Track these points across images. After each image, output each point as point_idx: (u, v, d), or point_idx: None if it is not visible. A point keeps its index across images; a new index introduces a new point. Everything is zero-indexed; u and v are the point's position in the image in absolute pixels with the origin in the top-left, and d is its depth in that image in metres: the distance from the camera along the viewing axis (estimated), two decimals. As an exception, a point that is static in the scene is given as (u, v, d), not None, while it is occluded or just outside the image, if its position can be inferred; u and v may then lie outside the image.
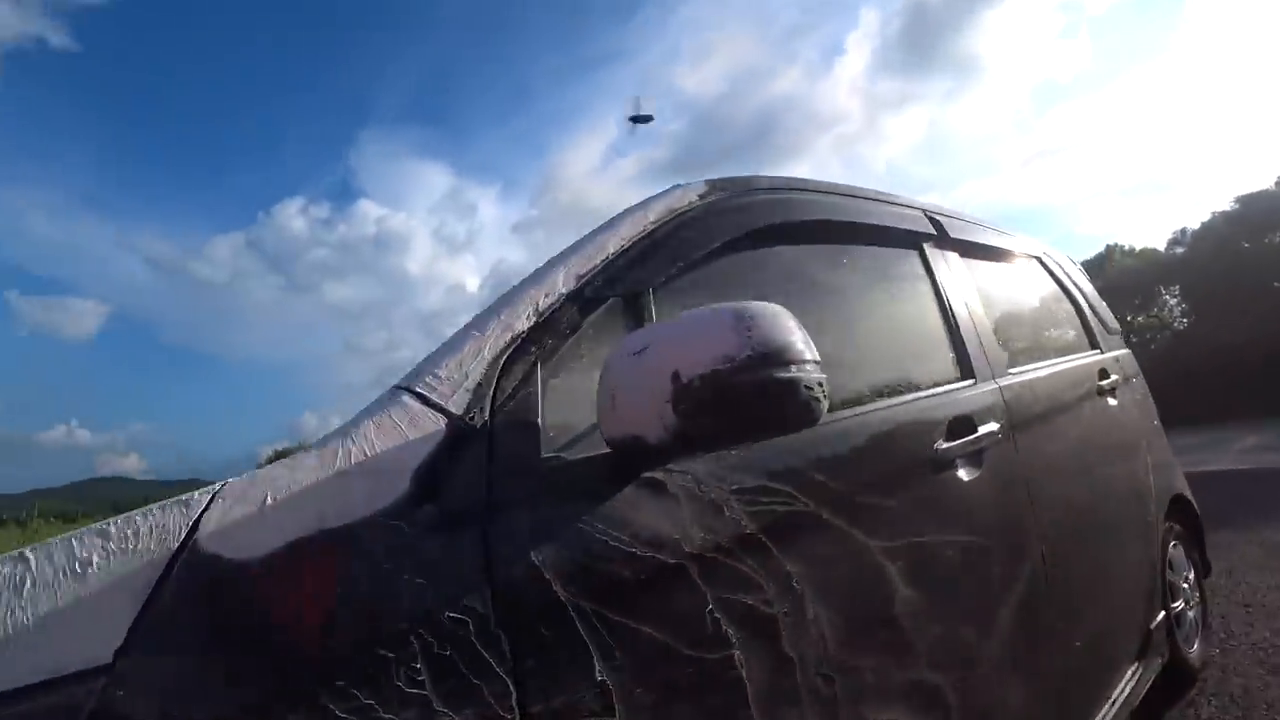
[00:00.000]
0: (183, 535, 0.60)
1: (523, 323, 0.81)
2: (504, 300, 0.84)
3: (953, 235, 1.56)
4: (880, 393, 1.17)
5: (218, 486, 0.64)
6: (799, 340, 0.73)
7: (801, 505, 0.90)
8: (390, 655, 0.61)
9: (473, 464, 0.71)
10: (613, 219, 0.99)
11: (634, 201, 1.06)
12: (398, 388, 0.75)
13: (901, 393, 1.20)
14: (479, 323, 0.81)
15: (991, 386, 1.35)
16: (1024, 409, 1.39)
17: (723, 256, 1.07)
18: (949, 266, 1.50)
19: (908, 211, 1.50)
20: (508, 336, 0.80)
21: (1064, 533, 1.37)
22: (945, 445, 1.16)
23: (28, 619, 0.53)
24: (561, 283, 0.87)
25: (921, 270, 1.45)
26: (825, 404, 0.75)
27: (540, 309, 0.83)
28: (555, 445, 0.79)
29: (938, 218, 1.56)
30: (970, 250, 1.63)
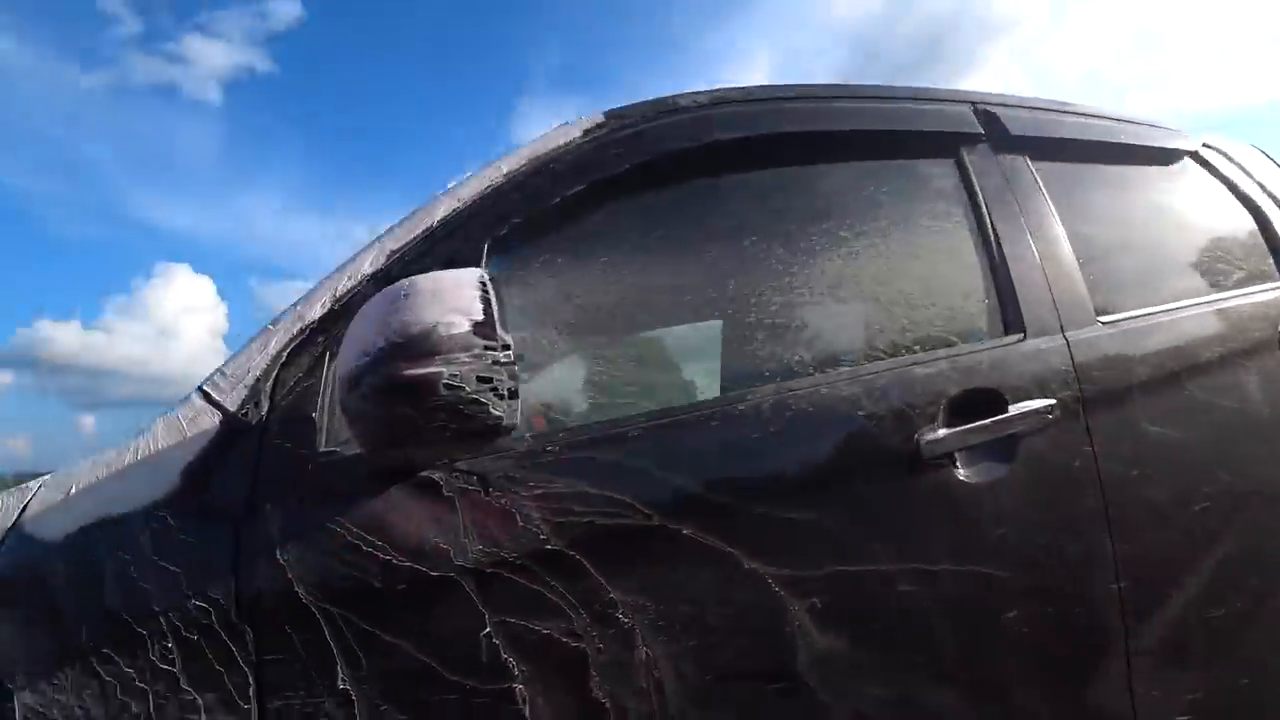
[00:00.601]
0: (15, 516, 0.76)
1: (315, 311, 0.80)
2: (310, 290, 0.84)
3: (1018, 133, 1.09)
4: (831, 361, 0.88)
5: (46, 477, 0.79)
6: (458, 320, 0.58)
7: (642, 518, 0.74)
8: (143, 633, 0.70)
9: (240, 460, 0.75)
10: (461, 179, 0.90)
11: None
12: (198, 387, 0.81)
13: (874, 358, 0.89)
14: (279, 316, 0.82)
15: (1053, 343, 0.92)
16: (1112, 374, 0.91)
17: (606, 202, 0.90)
18: (1005, 176, 1.05)
19: (941, 109, 1.08)
20: (297, 328, 0.80)
21: (1169, 558, 0.89)
22: (939, 434, 0.83)
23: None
24: (369, 263, 0.83)
25: (955, 185, 1.04)
26: (504, 408, 0.59)
27: (338, 295, 0.81)
28: (342, 439, 0.78)
29: (995, 111, 1.10)
30: (1052, 150, 1.11)
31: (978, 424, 0.85)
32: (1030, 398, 0.88)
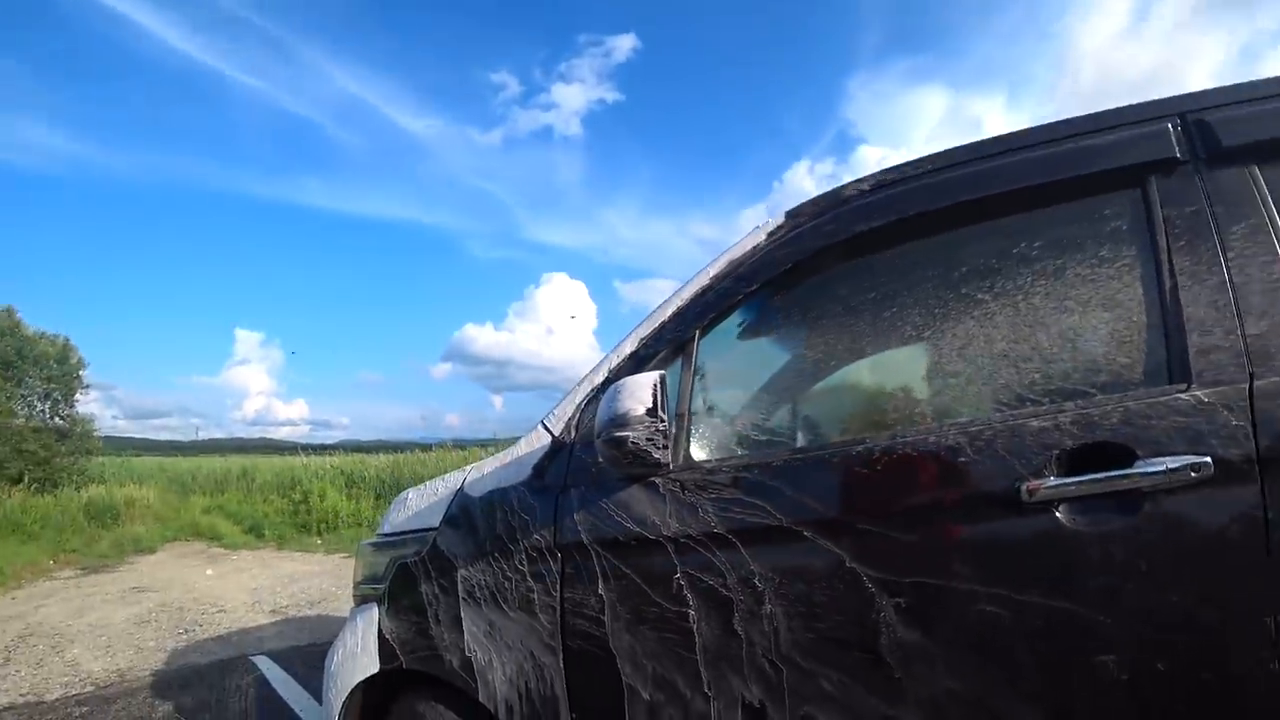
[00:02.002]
0: (461, 482, 1.52)
1: (600, 376, 1.39)
2: (599, 362, 1.43)
3: (1236, 141, 1.02)
4: (955, 414, 1.07)
5: (475, 463, 1.54)
6: (639, 407, 1.08)
7: (775, 520, 1.10)
8: (514, 546, 1.36)
9: (559, 463, 1.37)
10: (687, 282, 1.39)
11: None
12: (540, 421, 1.47)
13: (997, 412, 1.04)
14: (582, 379, 1.43)
15: (1226, 395, 0.91)
16: None
17: (773, 297, 1.28)
18: (1209, 198, 1.01)
19: (1127, 136, 1.09)
20: (588, 388, 1.39)
21: None
22: (1043, 483, 0.95)
23: (422, 506, 1.56)
24: (629, 346, 1.38)
25: (1131, 222, 1.06)
26: (661, 454, 1.07)
27: (612, 368, 1.38)
28: (609, 454, 1.34)
29: (1208, 119, 1.04)
30: None
31: (1085, 478, 0.94)
32: (1173, 453, 0.90)
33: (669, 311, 1.37)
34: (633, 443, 1.12)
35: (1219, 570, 0.88)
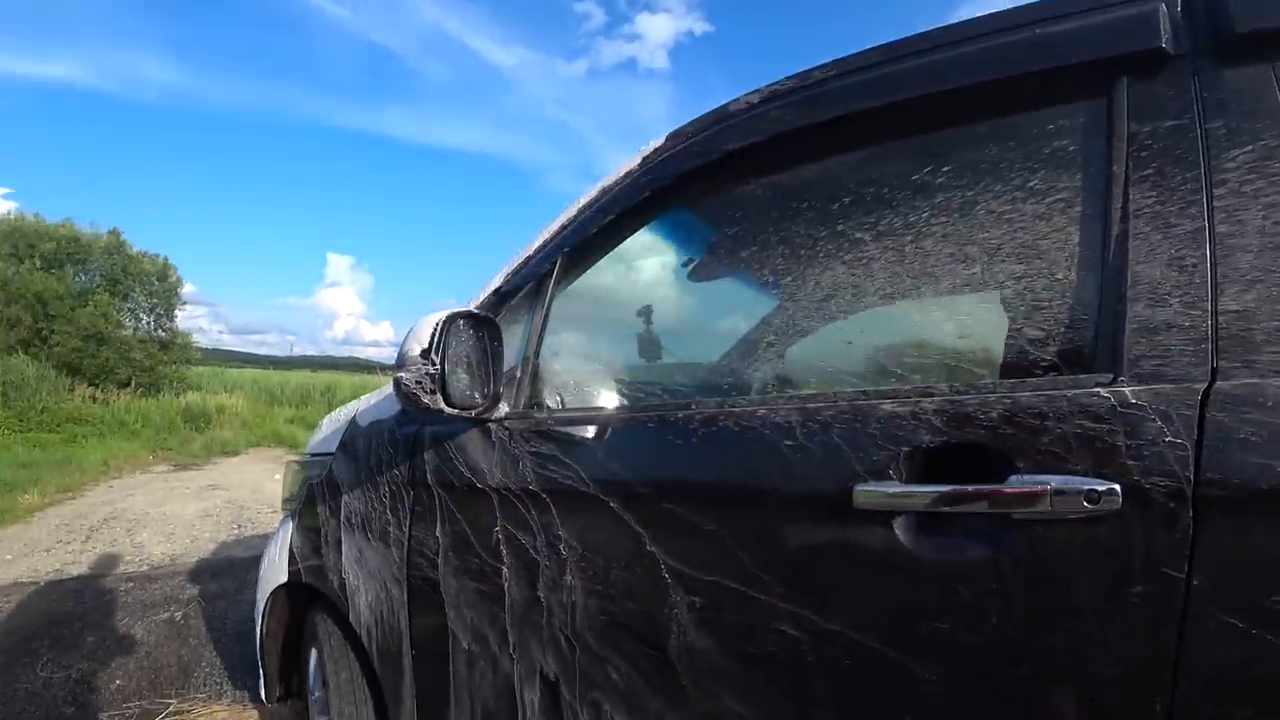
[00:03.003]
0: (354, 412, 1.53)
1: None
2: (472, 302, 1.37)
3: (1256, 25, 0.67)
4: (802, 386, 0.93)
5: (371, 392, 1.54)
6: (416, 348, 1.02)
7: (585, 487, 1.01)
8: (380, 478, 1.37)
9: None
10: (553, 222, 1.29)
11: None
12: None
13: (854, 387, 0.86)
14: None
15: (1174, 394, 0.62)
16: None
17: (626, 227, 1.16)
18: (1210, 106, 0.69)
19: (1091, 21, 0.76)
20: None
21: None
22: (878, 487, 0.74)
23: (330, 431, 1.59)
24: (495, 282, 1.31)
25: (1083, 141, 0.77)
26: (430, 399, 1.01)
27: (479, 304, 1.32)
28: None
29: None
30: None
31: (935, 489, 0.71)
32: (1066, 472, 0.64)
33: (535, 244, 1.29)
34: (404, 384, 1.06)
35: (1102, 642, 0.63)
